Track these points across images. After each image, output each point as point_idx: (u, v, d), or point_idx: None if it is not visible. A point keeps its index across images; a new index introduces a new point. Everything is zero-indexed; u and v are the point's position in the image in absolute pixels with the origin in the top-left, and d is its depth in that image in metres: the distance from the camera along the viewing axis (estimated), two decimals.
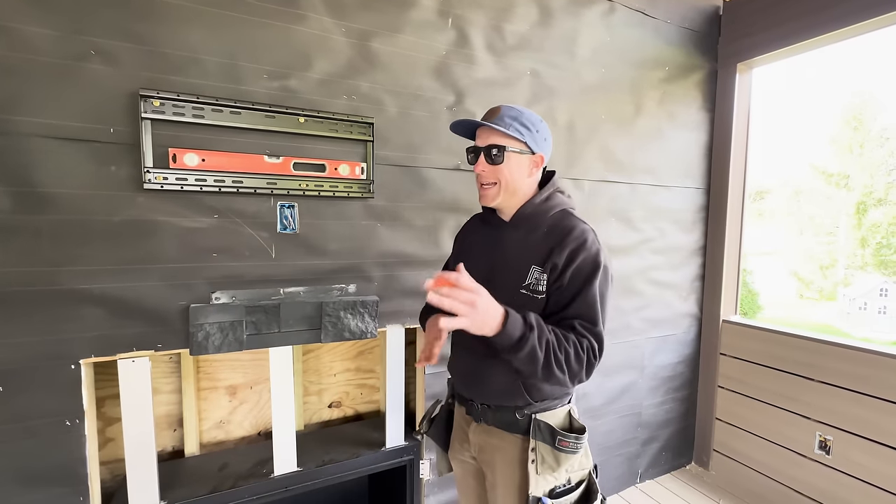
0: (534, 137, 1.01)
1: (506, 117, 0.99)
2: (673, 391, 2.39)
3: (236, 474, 1.46)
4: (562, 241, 0.97)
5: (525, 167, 1.02)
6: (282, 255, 1.40)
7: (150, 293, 1.25)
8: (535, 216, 1.03)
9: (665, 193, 2.24)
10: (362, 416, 1.98)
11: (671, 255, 2.30)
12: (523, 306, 0.95)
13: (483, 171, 1.02)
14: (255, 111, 1.32)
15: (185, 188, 1.25)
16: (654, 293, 2.26)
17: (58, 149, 1.12)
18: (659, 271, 2.26)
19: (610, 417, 2.18)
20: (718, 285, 2.37)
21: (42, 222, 1.12)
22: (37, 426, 1.15)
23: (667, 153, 2.21)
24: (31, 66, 1.09)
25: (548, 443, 1.00)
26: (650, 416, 2.32)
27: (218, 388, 1.69)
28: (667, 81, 2.17)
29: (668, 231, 2.27)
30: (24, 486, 1.14)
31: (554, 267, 0.96)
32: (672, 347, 2.36)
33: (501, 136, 0.99)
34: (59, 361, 1.16)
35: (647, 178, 2.16)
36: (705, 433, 2.45)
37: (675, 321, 2.35)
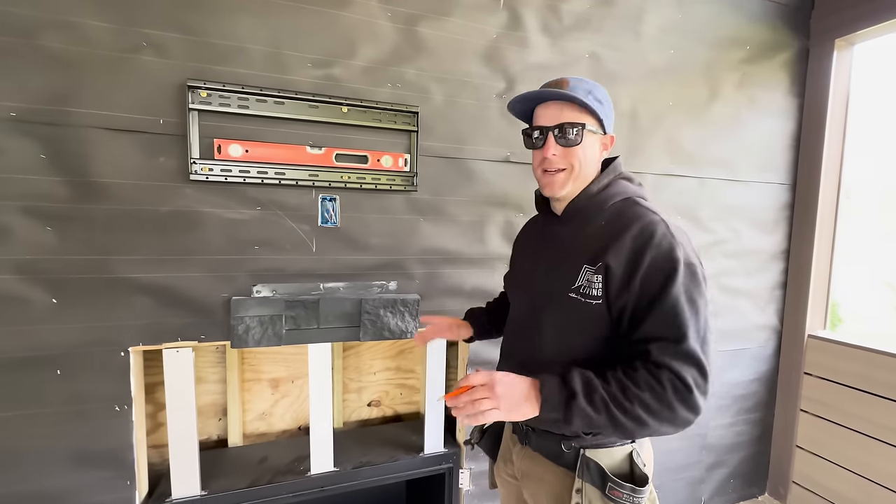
0: (607, 114, 0.86)
1: (579, 89, 0.83)
2: (745, 412, 2.12)
3: (275, 469, 1.45)
4: (620, 236, 0.79)
5: (597, 149, 0.88)
6: (322, 249, 1.37)
7: (195, 284, 1.25)
8: (590, 207, 0.88)
9: (741, 189, 1.98)
10: (401, 416, 1.92)
11: (747, 259, 2.04)
12: (574, 314, 0.82)
13: (554, 155, 0.85)
14: (298, 101, 1.28)
15: (229, 179, 1.24)
16: (726, 301, 2.02)
17: (111, 140, 1.15)
18: (732, 277, 2.01)
19: (669, 437, 1.97)
20: (804, 295, 2.07)
21: (96, 211, 1.15)
22: (88, 410, 1.18)
23: (744, 144, 1.96)
24: (89, 59, 1.12)
25: (597, 486, 0.83)
26: (717, 439, 2.08)
27: (261, 381, 1.70)
28: (747, 62, 1.91)
29: (744, 232, 2.01)
30: (75, 467, 1.18)
31: (609, 269, 0.78)
32: (745, 363, 2.10)
33: (579, 112, 0.83)
34: (110, 348, 1.19)
35: (719, 171, 1.92)
36: (783, 462, 2.16)
37: (749, 334, 2.09)
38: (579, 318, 0.82)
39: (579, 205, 0.88)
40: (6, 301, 1.10)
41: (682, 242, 0.78)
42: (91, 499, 1.20)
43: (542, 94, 0.85)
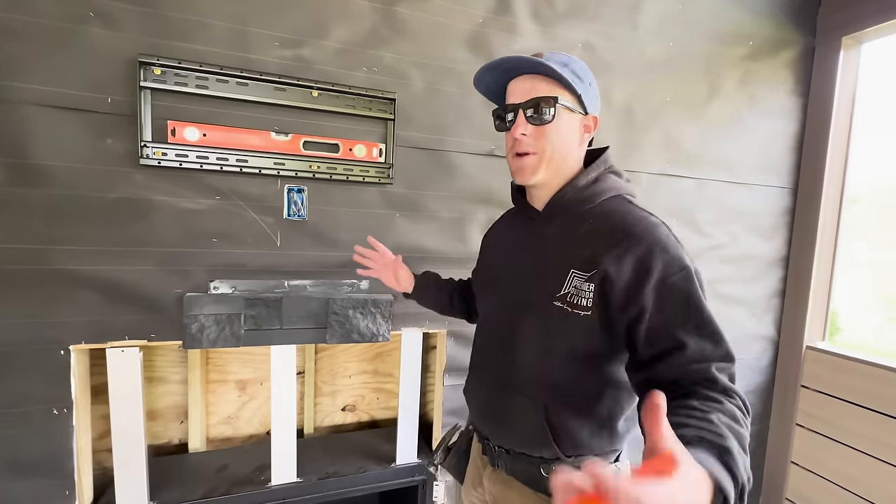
0: (587, 91, 0.75)
1: (553, 62, 0.72)
2: None
3: (233, 478, 1.35)
4: (618, 239, 0.70)
5: (576, 132, 0.77)
6: (288, 243, 1.27)
7: (145, 279, 1.15)
8: (576, 204, 0.77)
9: (741, 192, 1.89)
10: (378, 423, 1.82)
11: (744, 265, 1.94)
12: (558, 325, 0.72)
13: (524, 134, 0.75)
14: (263, 82, 1.19)
15: (184, 165, 1.14)
16: (722, 310, 1.92)
17: (52, 118, 1.05)
18: (728, 284, 1.92)
19: None
20: (803, 304, 1.98)
21: (34, 196, 1.05)
22: (23, 413, 1.08)
23: (745, 144, 1.87)
24: (29, 28, 1.01)
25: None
26: None
27: (227, 382, 1.60)
28: (750, 59, 1.82)
29: (742, 237, 1.92)
30: (7, 476, 1.08)
31: (606, 277, 0.69)
32: (740, 374, 1.98)
33: (552, 85, 0.73)
34: (49, 346, 1.09)
35: (718, 172, 1.83)
36: (776, 478, 2.07)
37: (744, 344, 2.00)
38: (564, 330, 0.72)
39: (563, 200, 0.78)
40: None
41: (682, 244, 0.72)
42: None
43: (507, 60, 0.74)
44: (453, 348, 1.48)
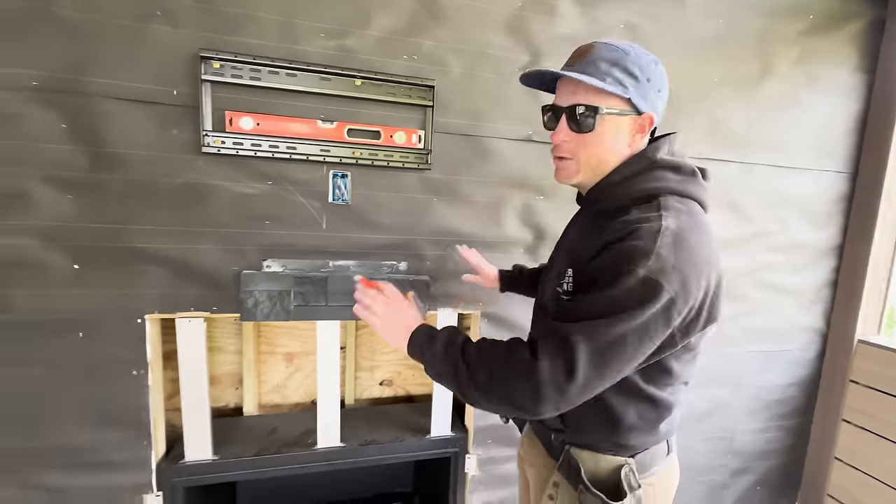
0: (642, 89, 0.70)
1: (600, 61, 0.69)
2: (779, 418, 1.98)
3: (283, 440, 1.48)
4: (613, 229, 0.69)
5: (625, 134, 0.72)
6: (333, 226, 1.35)
7: (207, 256, 1.27)
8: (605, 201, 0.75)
9: (792, 177, 1.80)
10: (413, 397, 1.92)
11: (794, 253, 1.86)
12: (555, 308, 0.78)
13: (564, 140, 0.73)
14: (310, 73, 1.25)
15: (240, 153, 1.23)
16: (765, 299, 1.86)
17: (126, 110, 1.16)
18: (774, 272, 1.85)
19: (693, 439, 1.87)
20: (857, 296, 1.88)
21: (112, 182, 1.17)
22: (108, 372, 1.24)
23: (800, 126, 1.77)
24: (103, 27, 1.12)
25: (572, 484, 0.78)
26: (745, 444, 1.95)
27: (276, 354, 1.73)
28: (809, 34, 1.71)
29: (793, 224, 1.83)
30: (98, 425, 1.25)
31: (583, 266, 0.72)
32: (783, 366, 1.95)
33: (593, 93, 0.70)
34: (128, 314, 1.23)
35: (767, 156, 1.75)
36: (818, 473, 2.01)
37: (789, 335, 1.93)
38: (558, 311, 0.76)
39: (593, 197, 0.77)
40: (30, 266, 1.15)
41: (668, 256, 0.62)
42: (111, 456, 1.26)
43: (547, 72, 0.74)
44: (487, 329, 1.53)
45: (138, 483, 1.30)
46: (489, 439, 1.61)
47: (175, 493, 1.32)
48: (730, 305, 1.82)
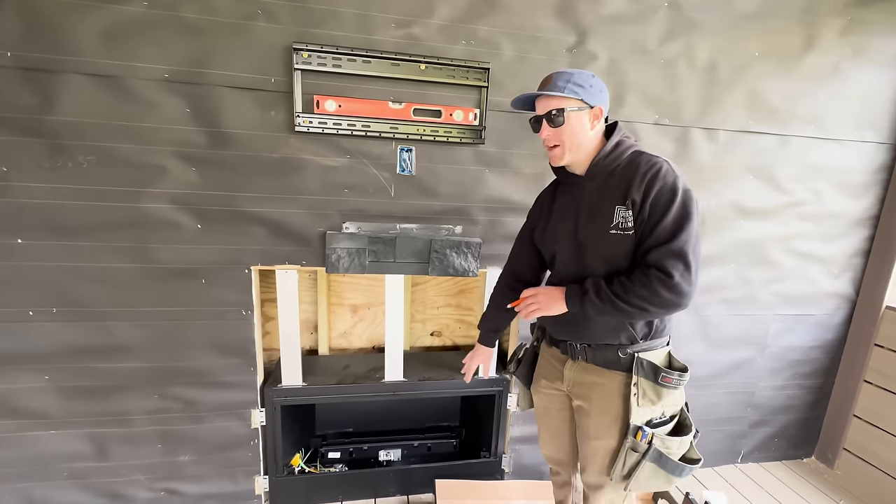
0: (589, 93, 1.05)
1: (558, 82, 1.05)
2: (800, 377, 2.12)
3: (356, 374, 1.78)
4: (635, 174, 1.02)
5: (585, 122, 1.07)
6: (399, 194, 1.57)
7: (298, 219, 1.52)
8: (608, 163, 1.08)
9: (831, 148, 1.86)
10: (459, 347, 2.18)
11: (826, 222, 1.94)
12: (616, 247, 1.04)
13: (547, 135, 1.09)
14: (382, 59, 1.44)
15: (325, 131, 1.45)
16: (794, 265, 1.97)
17: (235, 96, 1.39)
18: (805, 241, 1.95)
19: (715, 391, 2.05)
20: (889, 265, 1.95)
21: (225, 156, 1.43)
22: (224, 312, 1.54)
23: (842, 98, 1.81)
24: (216, 26, 1.34)
25: (650, 379, 1.08)
26: (765, 399, 2.11)
27: (343, 305, 2.02)
28: (857, 4, 1.72)
29: (827, 194, 1.91)
30: (217, 353, 1.57)
31: (633, 202, 1.01)
32: (808, 329, 2.06)
33: (558, 100, 1.05)
34: (238, 265, 1.52)
35: (806, 128, 1.81)
36: (835, 428, 2.15)
37: (817, 300, 2.03)
38: (621, 247, 1.03)
39: (600, 164, 1.09)
40: (166, 224, 1.44)
41: (681, 176, 1.01)
42: (228, 378, 1.59)
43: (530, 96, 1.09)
44: None
45: (247, 400, 1.63)
46: None
47: (274, 410, 1.64)
48: (760, 270, 1.94)
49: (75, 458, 1.55)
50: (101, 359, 1.50)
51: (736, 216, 1.85)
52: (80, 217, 1.38)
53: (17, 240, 1.36)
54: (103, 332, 1.48)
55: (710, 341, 1.97)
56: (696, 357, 1.98)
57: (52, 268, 1.40)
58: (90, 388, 1.51)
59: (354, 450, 1.92)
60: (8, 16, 1.23)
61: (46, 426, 1.51)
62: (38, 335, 1.44)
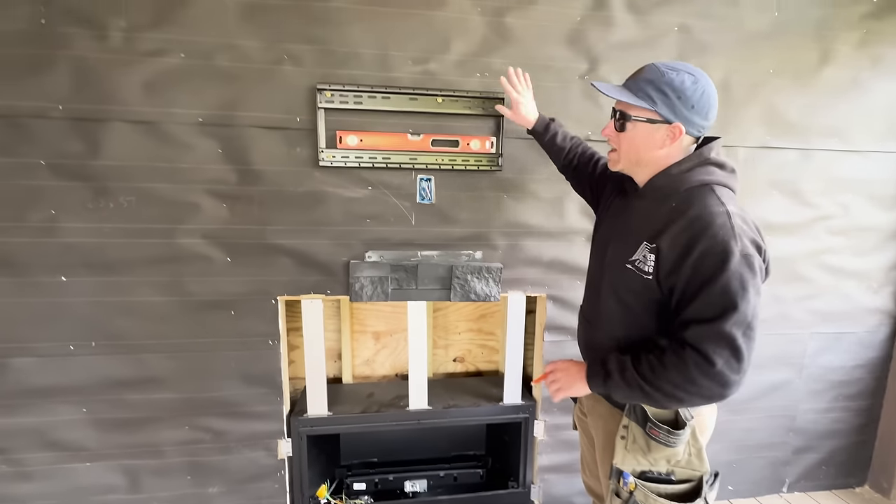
0: (672, 105, 0.88)
1: (641, 81, 0.90)
2: (844, 399, 2.01)
3: (380, 402, 1.78)
4: (678, 221, 0.86)
5: (656, 139, 0.91)
6: (420, 222, 1.60)
7: (322, 250, 1.57)
8: (666, 188, 0.93)
9: (855, 160, 1.82)
10: (482, 373, 2.16)
11: (858, 236, 1.88)
12: (630, 282, 0.94)
13: (609, 134, 0.99)
14: (401, 95, 1.50)
15: (347, 164, 1.51)
16: (828, 281, 1.90)
17: (263, 136, 1.47)
18: (837, 255, 1.88)
19: (753, 415, 1.96)
20: None
21: (254, 192, 1.50)
22: (251, 342, 1.58)
23: (863, 110, 1.78)
24: (246, 72, 1.43)
25: (640, 425, 0.97)
26: (808, 423, 2.01)
27: (366, 332, 2.04)
28: (873, 17, 1.72)
29: (856, 207, 1.86)
30: (244, 383, 1.60)
31: (660, 251, 0.86)
32: (848, 348, 1.97)
33: (626, 104, 0.92)
34: (265, 296, 1.56)
35: (828, 141, 1.78)
36: (889, 454, 2.02)
37: (856, 317, 1.95)
38: (633, 285, 0.94)
39: (657, 184, 0.95)
40: (198, 258, 1.50)
41: (741, 234, 0.83)
42: (255, 408, 1.61)
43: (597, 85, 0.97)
44: (552, 310, 1.73)
45: (274, 430, 1.64)
46: (555, 407, 1.81)
47: (301, 440, 1.65)
48: (791, 287, 1.88)
49: (109, 490, 1.58)
50: (136, 390, 1.54)
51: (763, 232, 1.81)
52: (120, 254, 1.46)
53: (62, 277, 1.44)
54: (138, 364, 1.53)
55: None
56: None
57: (93, 303, 1.47)
58: (124, 420, 1.55)
59: (380, 480, 1.89)
60: (62, 73, 1.35)
61: (82, 458, 1.55)
62: (78, 369, 1.50)
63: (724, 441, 1.95)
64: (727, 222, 0.83)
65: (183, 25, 1.37)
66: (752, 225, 0.88)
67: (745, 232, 0.84)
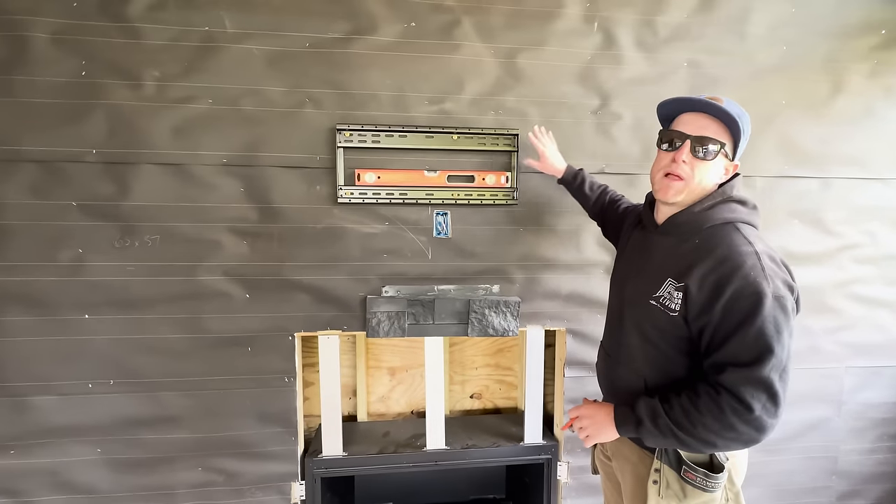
0: (743, 144, 0.90)
1: (733, 108, 0.87)
2: (889, 438, 1.89)
3: (396, 442, 1.72)
4: (706, 261, 0.84)
5: (720, 172, 0.91)
6: (436, 256, 1.60)
7: (339, 285, 1.57)
8: (688, 225, 0.92)
9: (878, 188, 1.79)
10: (500, 410, 2.09)
11: (887, 265, 1.82)
12: (654, 318, 0.92)
13: (685, 161, 0.88)
14: (417, 133, 1.54)
15: (365, 201, 1.54)
16: (860, 312, 1.83)
17: (284, 175, 1.51)
18: (867, 285, 1.82)
19: (790, 456, 1.84)
20: None
21: (274, 229, 1.52)
22: (267, 379, 1.56)
23: (880, 137, 1.77)
24: (269, 116, 1.49)
25: (674, 468, 0.92)
26: (852, 465, 1.88)
27: (381, 368, 2.00)
28: (882, 48, 1.74)
29: (883, 235, 1.81)
30: (259, 422, 1.57)
31: (688, 291, 0.84)
32: (890, 383, 1.87)
33: (721, 130, 0.87)
34: (282, 333, 1.56)
35: (848, 170, 1.77)
36: None
37: (893, 350, 1.86)
38: (657, 321, 0.92)
39: (679, 220, 0.94)
40: (218, 295, 1.52)
41: (773, 275, 0.82)
42: (269, 448, 1.57)
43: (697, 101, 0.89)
44: (572, 344, 1.69)
45: (288, 472, 1.59)
46: (578, 448, 1.73)
47: (315, 483, 1.59)
48: (821, 319, 1.81)
49: None
50: (151, 430, 1.52)
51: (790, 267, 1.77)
52: (143, 291, 1.48)
53: (85, 315, 1.46)
54: (155, 402, 1.52)
55: None
56: None
57: (113, 341, 1.48)
58: (138, 461, 1.52)
59: None
60: (98, 120, 1.42)
61: (94, 502, 1.51)
62: (95, 407, 1.49)
63: (763, 485, 1.83)
64: (757, 263, 0.82)
65: (212, 73, 1.45)
66: (780, 264, 0.87)
67: (776, 273, 0.83)
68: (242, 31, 1.45)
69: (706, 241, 0.89)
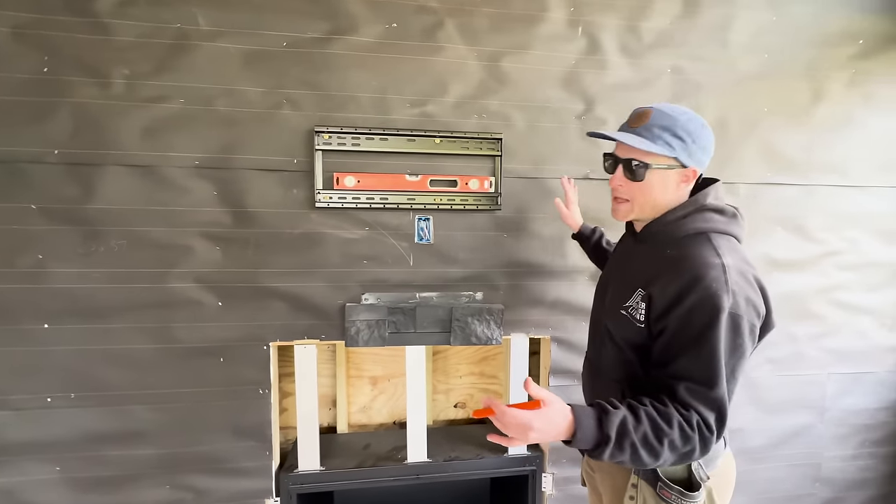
0: (688, 149, 0.86)
1: (654, 127, 0.85)
2: (871, 444, 1.89)
3: (377, 455, 1.66)
4: (671, 271, 0.82)
5: (671, 183, 0.89)
6: (418, 262, 1.56)
7: (318, 293, 1.52)
8: (663, 234, 0.90)
9: (857, 196, 1.80)
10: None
11: (867, 272, 1.84)
12: (623, 329, 0.91)
13: (620, 185, 0.91)
14: (398, 136, 1.50)
15: (344, 206, 1.49)
16: (841, 318, 1.83)
17: (259, 178, 1.46)
18: (848, 292, 1.83)
19: (774, 463, 1.83)
20: None
21: (248, 234, 1.46)
22: (240, 391, 1.49)
23: (860, 145, 1.79)
24: (245, 117, 1.44)
25: (650, 484, 0.89)
26: (835, 471, 1.87)
27: (362, 377, 1.94)
28: (861, 58, 1.76)
29: (863, 242, 1.82)
30: (232, 436, 1.50)
31: (651, 299, 0.83)
32: (871, 389, 1.87)
33: (646, 152, 0.86)
34: (256, 342, 1.49)
35: (829, 177, 1.78)
36: None
37: (875, 356, 1.87)
38: (627, 332, 0.91)
39: (653, 230, 0.93)
40: (188, 303, 1.45)
41: (737, 291, 0.78)
42: (242, 464, 1.50)
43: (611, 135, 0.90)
44: (557, 352, 1.65)
45: (261, 488, 1.52)
46: (563, 458, 1.69)
47: (291, 499, 1.52)
48: (804, 325, 1.81)
49: None
50: (115, 446, 1.44)
51: (769, 269, 1.76)
52: (108, 299, 1.41)
53: (44, 325, 1.38)
54: (120, 416, 1.44)
55: (761, 406, 1.80)
56: (747, 424, 1.80)
57: (75, 351, 1.40)
58: (101, 480, 1.44)
59: None
60: (61, 119, 1.35)
61: None
62: (54, 422, 1.41)
63: (748, 492, 1.81)
64: (721, 276, 0.79)
65: (185, 72, 1.39)
66: (752, 281, 0.83)
67: (742, 289, 0.80)
68: (217, 28, 1.40)
69: (677, 252, 0.86)
